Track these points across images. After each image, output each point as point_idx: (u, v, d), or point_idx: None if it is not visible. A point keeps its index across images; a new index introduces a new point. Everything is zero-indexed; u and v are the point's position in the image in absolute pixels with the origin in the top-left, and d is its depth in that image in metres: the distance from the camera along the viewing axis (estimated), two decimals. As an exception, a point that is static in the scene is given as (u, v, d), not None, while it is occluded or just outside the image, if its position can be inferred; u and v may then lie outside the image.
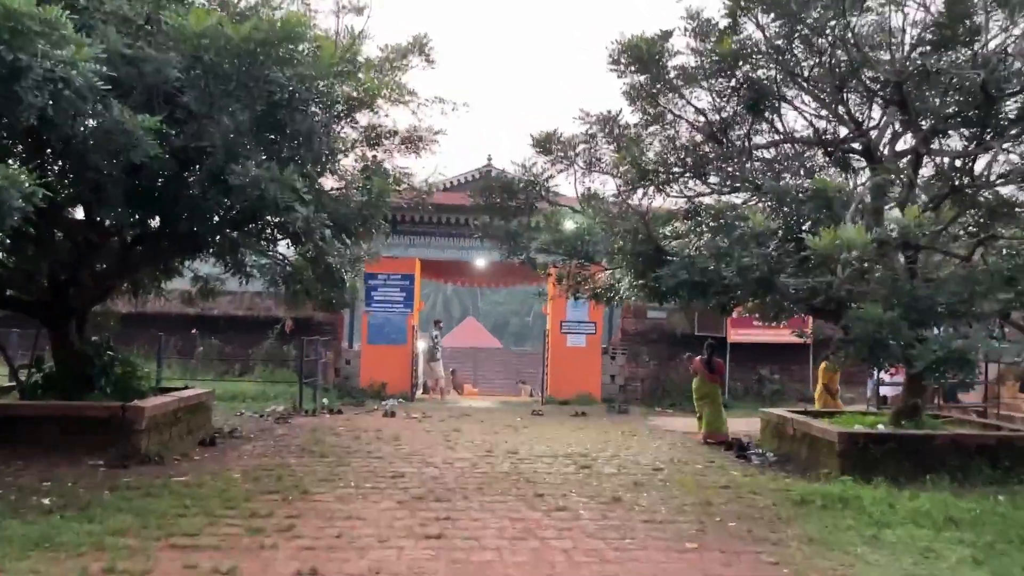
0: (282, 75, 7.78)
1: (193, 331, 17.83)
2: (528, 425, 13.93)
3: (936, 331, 9.38)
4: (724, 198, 11.25)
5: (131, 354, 17.37)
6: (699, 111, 9.74)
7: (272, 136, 8.24)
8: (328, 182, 10.55)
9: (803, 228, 7.72)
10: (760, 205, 8.91)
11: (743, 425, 14.93)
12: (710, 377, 13.52)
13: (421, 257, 18.75)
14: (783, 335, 18.28)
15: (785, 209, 7.73)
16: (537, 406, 17.44)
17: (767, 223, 7.29)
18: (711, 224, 8.94)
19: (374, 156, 11.30)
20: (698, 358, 13.77)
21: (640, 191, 10.71)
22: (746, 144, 9.68)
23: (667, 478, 9.06)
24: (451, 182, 21.23)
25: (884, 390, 15.77)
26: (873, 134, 10.02)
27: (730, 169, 10.13)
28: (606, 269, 10.44)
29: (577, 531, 6.59)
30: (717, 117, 9.65)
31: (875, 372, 14.75)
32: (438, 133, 11.36)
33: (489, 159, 22.06)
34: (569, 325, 18.55)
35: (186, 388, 11.90)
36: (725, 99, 9.39)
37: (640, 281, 10.62)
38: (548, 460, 10.12)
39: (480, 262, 19.35)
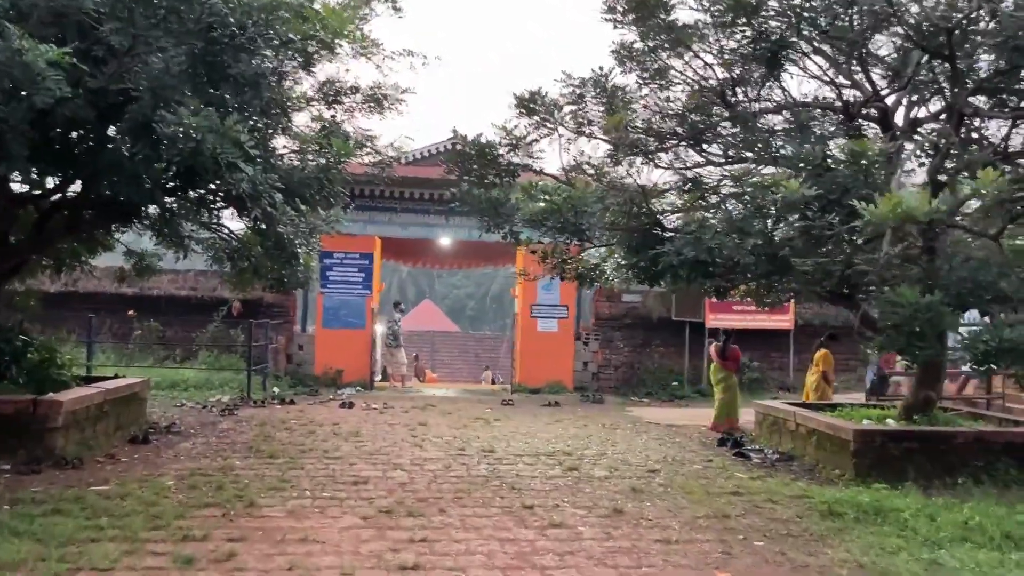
0: (224, 6, 6.44)
1: (130, 313, 16.27)
2: (500, 417, 12.80)
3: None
4: (724, 168, 10.22)
5: (57, 338, 15.85)
6: (706, 65, 8.62)
7: (211, 81, 6.88)
8: (280, 144, 9.22)
9: (832, 199, 6.65)
10: (775, 174, 7.83)
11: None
12: (724, 364, 12.82)
13: (382, 235, 17.41)
14: (762, 320, 17.46)
15: (818, 176, 6.64)
16: (506, 395, 16.31)
17: (802, 191, 6.21)
18: (727, 194, 7.85)
19: (332, 116, 9.99)
20: (714, 345, 13.12)
21: (628, 161, 9.62)
22: (756, 107, 8.60)
23: (667, 482, 8.01)
24: (415, 155, 19.93)
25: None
26: (890, 100, 9.05)
27: (739, 134, 9.06)
28: (595, 246, 9.31)
29: (581, 556, 5.48)
30: (726, 75, 8.54)
31: (872, 360, 13.91)
32: (405, 92, 10.08)
33: (455, 131, 20.76)
34: (540, 309, 17.43)
35: (116, 377, 10.48)
36: (737, 54, 8.27)
37: (632, 260, 9.54)
38: (529, 460, 9.00)
39: (445, 241, 18.09)
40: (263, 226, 7.90)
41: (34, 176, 7.27)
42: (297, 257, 8.95)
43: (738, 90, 8.64)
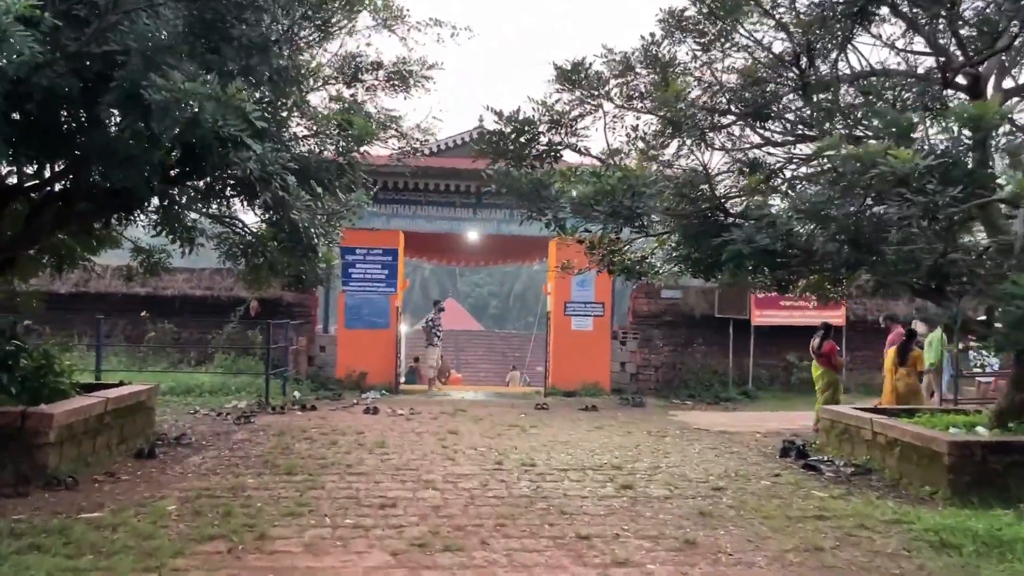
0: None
1: (143, 314, 15.47)
2: (535, 424, 11.82)
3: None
4: (788, 148, 9.19)
5: (65, 342, 15.09)
6: (778, 26, 7.57)
7: (211, 45, 5.94)
8: (294, 124, 8.30)
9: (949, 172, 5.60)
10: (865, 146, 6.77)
11: (776, 421, 12.98)
12: (820, 361, 11.95)
13: (406, 229, 16.48)
14: (812, 317, 16.31)
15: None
16: (539, 399, 15.33)
17: (916, 160, 5.17)
18: (795, 175, 6.81)
19: (352, 95, 9.06)
20: (813, 340, 12.16)
21: (683, 139, 8.62)
22: (828, 76, 7.55)
23: (738, 503, 6.99)
24: (440, 145, 19.02)
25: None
26: (981, 67, 7.96)
27: (804, 109, 8.02)
28: (648, 235, 8.30)
29: (659, 606, 4.49)
30: (795, 42, 7.49)
31: (951, 361, 12.77)
32: (432, 67, 9.11)
33: (480, 121, 19.83)
34: (574, 306, 16.42)
35: (121, 384, 9.64)
36: (814, 12, 7.22)
37: (689, 250, 8.55)
38: (576, 476, 8.03)
39: (473, 235, 17.12)
40: (276, 215, 6.95)
41: (12, 161, 6.37)
42: (315, 250, 8.02)
43: (814, 54, 7.57)
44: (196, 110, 5.04)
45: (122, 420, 8.62)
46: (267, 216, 7.43)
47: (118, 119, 5.61)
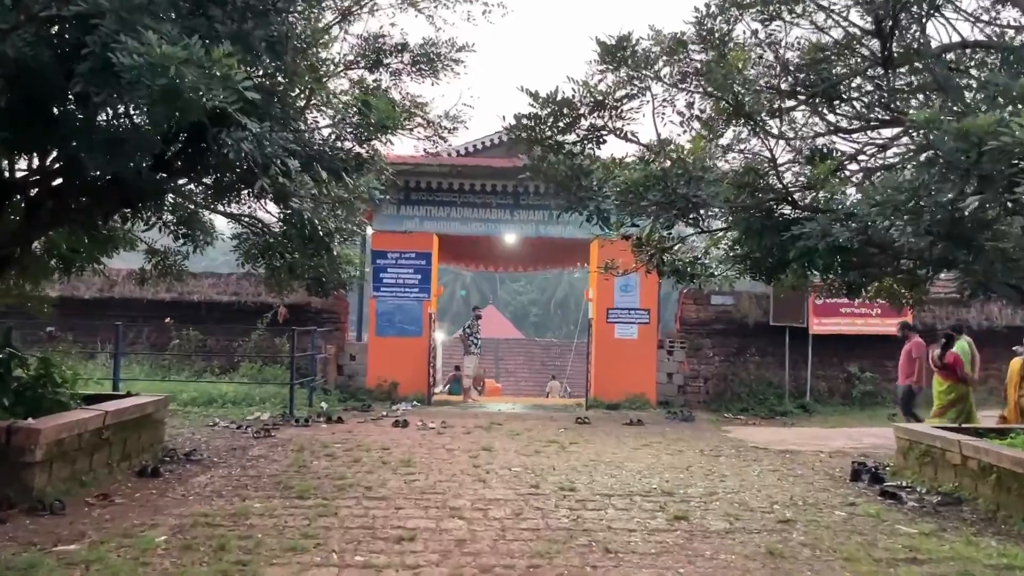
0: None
1: (167, 320, 14.91)
2: (576, 440, 10.90)
3: None
4: (855, 136, 8.19)
5: (89, 349, 14.62)
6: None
7: (198, 6, 5.16)
8: (312, 121, 7.53)
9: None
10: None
11: (841, 438, 11.87)
12: (943, 374, 10.77)
13: (440, 232, 15.69)
14: (875, 325, 15.13)
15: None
16: (580, 412, 14.40)
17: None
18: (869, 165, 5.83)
19: (376, 81, 8.29)
20: (931, 351, 11.11)
21: (735, 128, 7.68)
22: (922, 43, 6.54)
23: (811, 539, 6.01)
24: (473, 145, 18.28)
25: None
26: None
27: (878, 91, 7.01)
28: (701, 231, 7.36)
29: None
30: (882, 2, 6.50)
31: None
32: (462, 49, 8.30)
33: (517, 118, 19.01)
34: (617, 313, 15.45)
35: (129, 395, 8.97)
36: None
37: (751, 247, 7.59)
38: (622, 503, 7.10)
39: (510, 237, 16.25)
40: (278, 205, 6.15)
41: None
42: (327, 246, 7.23)
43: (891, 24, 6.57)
44: (171, 74, 4.25)
45: (124, 435, 7.92)
46: (269, 204, 6.62)
47: (93, 92, 4.85)
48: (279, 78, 5.92)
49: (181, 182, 7.45)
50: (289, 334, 12.88)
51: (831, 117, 7.99)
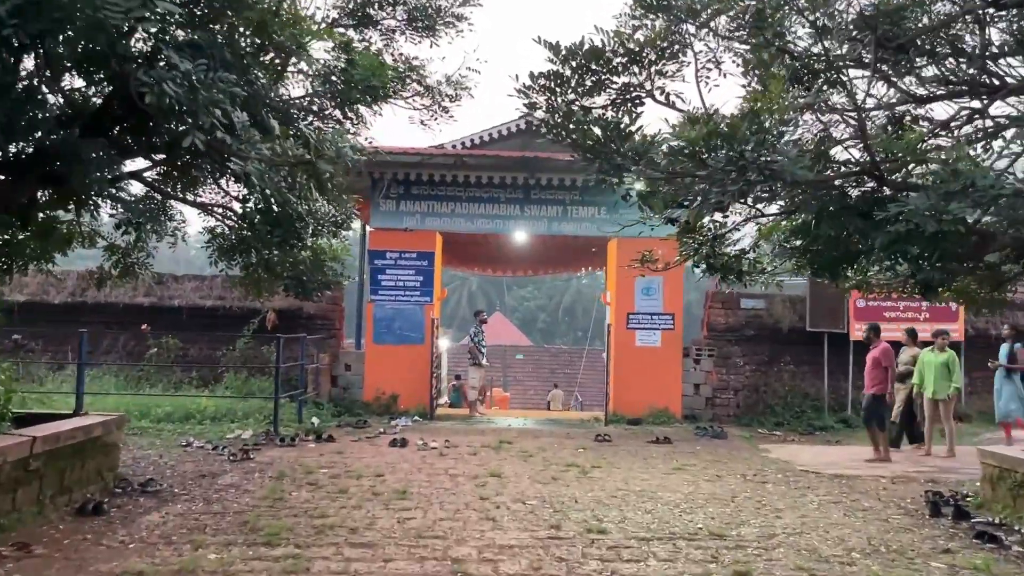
0: None
1: (143, 327, 13.58)
2: (598, 463, 9.53)
3: None
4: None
5: (57, 359, 13.36)
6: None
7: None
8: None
9: None
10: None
11: (898, 460, 10.48)
12: None
13: (443, 230, 14.34)
14: (924, 331, 13.68)
15: None
16: (599, 427, 13.03)
17: None
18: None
19: (364, 42, 6.97)
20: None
21: (798, 89, 6.32)
22: None
23: (919, 609, 4.63)
24: (480, 137, 17.02)
25: None
26: None
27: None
28: (761, 214, 6.01)
29: None
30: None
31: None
32: (467, 3, 6.97)
33: (533, 78, 17.68)
34: (639, 318, 14.07)
35: (77, 415, 7.65)
36: None
37: (804, 240, 6.28)
38: (664, 551, 5.74)
39: (520, 235, 14.88)
40: (217, 166, 4.81)
41: None
42: (299, 234, 5.88)
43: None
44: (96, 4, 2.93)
45: (61, 465, 6.58)
46: (193, 155, 5.25)
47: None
48: (228, 14, 4.59)
49: (144, 167, 6.16)
50: (276, 342, 11.53)
51: (909, 80, 6.63)
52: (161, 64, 3.61)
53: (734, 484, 8.44)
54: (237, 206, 7.49)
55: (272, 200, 4.93)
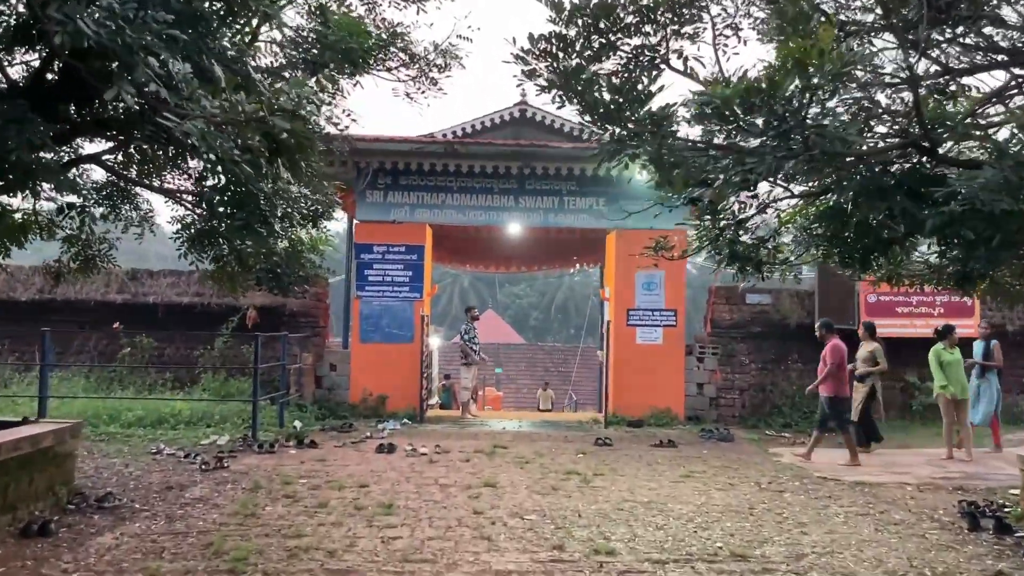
0: None
1: (115, 326, 12.81)
2: (601, 470, 8.84)
3: None
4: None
5: (24, 360, 12.63)
6: None
7: None
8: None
9: None
10: None
11: (920, 463, 9.87)
12: None
13: (433, 222, 13.61)
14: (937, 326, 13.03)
15: None
16: (598, 429, 12.35)
17: None
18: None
19: (344, 5, 6.25)
20: None
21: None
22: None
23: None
24: (472, 126, 16.33)
25: None
26: None
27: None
28: (790, 196, 5.32)
29: None
30: None
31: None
32: (458, -37, 6.26)
33: (523, 95, 17.02)
34: (639, 315, 13.38)
35: (24, 423, 6.92)
36: None
37: (830, 227, 5.63)
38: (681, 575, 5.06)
39: (515, 228, 14.17)
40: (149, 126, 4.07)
41: None
42: (264, 216, 5.17)
43: None
44: None
45: (5, 479, 5.86)
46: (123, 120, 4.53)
47: None
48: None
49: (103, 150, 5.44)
50: (255, 340, 10.79)
51: (952, 49, 5.97)
52: (79, -1, 2.90)
53: (749, 493, 7.77)
54: (199, 188, 6.80)
55: (229, 174, 4.22)
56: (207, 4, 4.31)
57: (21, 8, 3.56)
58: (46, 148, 4.98)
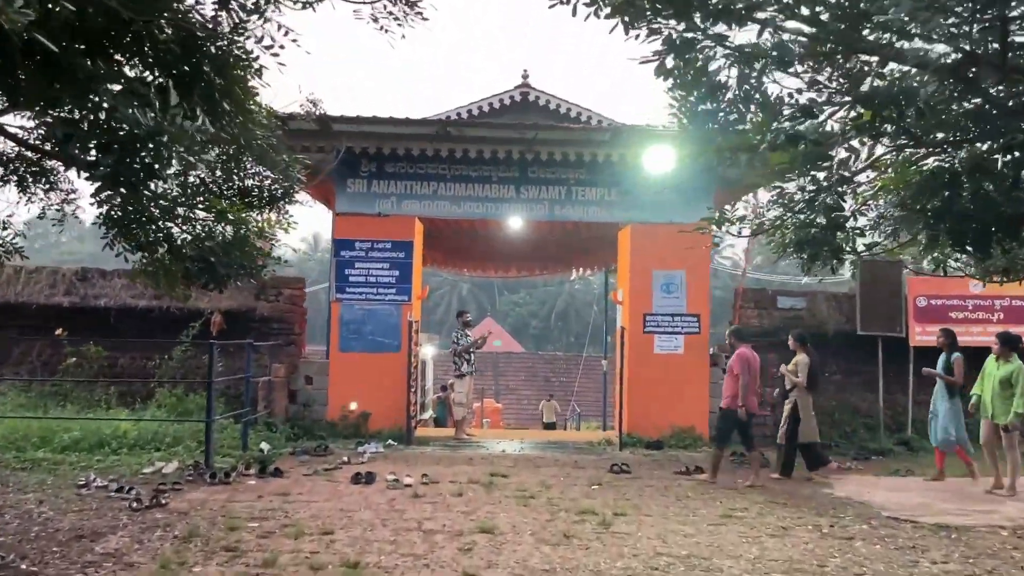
0: None
1: (58, 332, 11.20)
2: (621, 508, 7.24)
3: None
4: None
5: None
6: None
7: None
8: None
9: None
10: None
11: (1002, 499, 8.28)
12: None
13: (423, 215, 12.03)
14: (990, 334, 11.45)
15: None
16: (612, 451, 10.78)
17: None
18: None
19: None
20: None
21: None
22: None
23: None
24: (469, 111, 14.84)
25: None
26: None
27: None
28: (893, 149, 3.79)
29: None
30: None
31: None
32: None
33: (525, 76, 15.50)
34: (658, 320, 11.80)
35: None
36: None
37: (934, 200, 4.17)
38: None
39: (515, 221, 12.59)
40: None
41: None
42: (158, 162, 3.59)
43: None
44: None
45: None
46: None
47: None
48: None
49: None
50: (210, 348, 9.19)
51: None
52: None
53: (811, 541, 6.18)
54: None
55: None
56: None
57: None
58: None
